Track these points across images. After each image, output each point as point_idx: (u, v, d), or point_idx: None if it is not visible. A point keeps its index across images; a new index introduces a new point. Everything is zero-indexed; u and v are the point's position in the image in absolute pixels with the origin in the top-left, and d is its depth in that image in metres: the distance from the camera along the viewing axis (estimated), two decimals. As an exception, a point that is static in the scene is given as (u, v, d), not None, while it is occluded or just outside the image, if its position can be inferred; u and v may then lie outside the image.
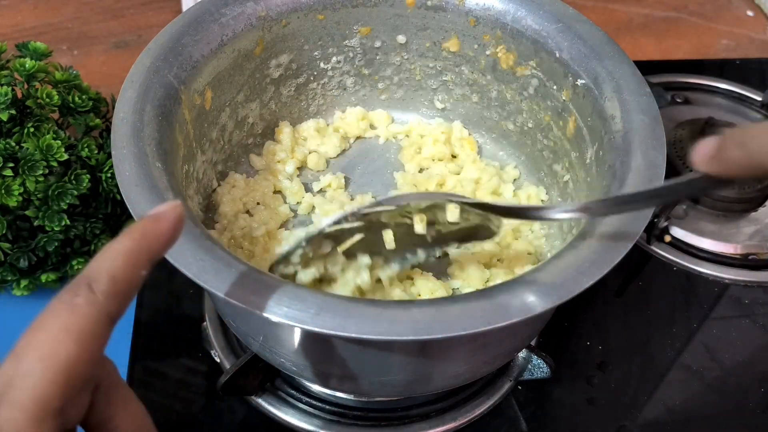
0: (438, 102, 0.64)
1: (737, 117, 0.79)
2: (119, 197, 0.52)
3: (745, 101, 0.81)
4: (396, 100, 0.65)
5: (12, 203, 0.52)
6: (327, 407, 0.53)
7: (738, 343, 0.60)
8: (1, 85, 0.53)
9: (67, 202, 0.54)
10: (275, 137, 0.62)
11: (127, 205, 0.39)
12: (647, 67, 0.74)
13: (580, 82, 0.51)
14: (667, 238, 0.67)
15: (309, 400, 0.54)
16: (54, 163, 0.53)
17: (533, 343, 0.57)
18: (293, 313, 0.35)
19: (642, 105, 0.48)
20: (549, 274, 0.38)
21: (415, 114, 0.65)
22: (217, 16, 0.52)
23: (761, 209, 0.70)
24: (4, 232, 0.53)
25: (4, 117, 0.52)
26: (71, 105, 0.57)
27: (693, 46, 0.91)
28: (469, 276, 0.52)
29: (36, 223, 0.54)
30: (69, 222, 0.54)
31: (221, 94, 0.54)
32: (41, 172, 0.52)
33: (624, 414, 0.55)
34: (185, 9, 0.57)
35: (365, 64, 0.62)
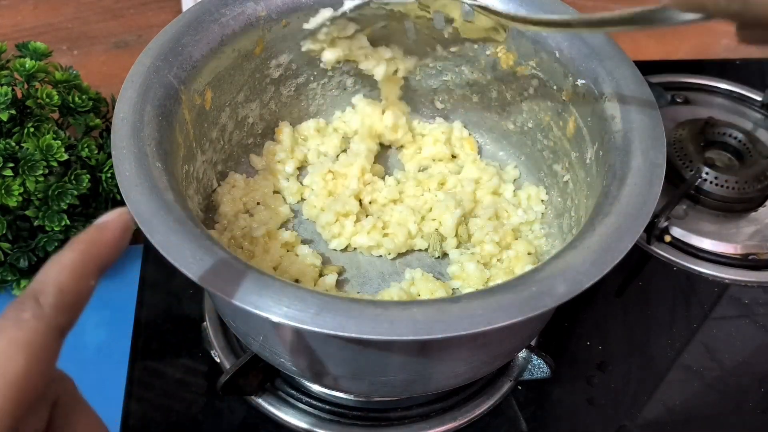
0: (438, 102, 0.64)
1: (737, 117, 0.79)
2: (119, 197, 0.52)
3: (745, 101, 0.81)
4: (396, 100, 0.65)
5: (12, 203, 0.52)
6: (327, 407, 0.53)
7: (738, 343, 0.60)
8: (1, 85, 0.53)
9: (67, 202, 0.54)
10: (275, 137, 0.62)
11: (127, 205, 0.39)
12: (647, 67, 0.74)
13: (580, 82, 0.51)
14: (667, 238, 0.67)
15: (309, 400, 0.54)
16: (54, 163, 0.53)
17: (533, 343, 0.57)
18: (293, 313, 0.35)
19: (642, 105, 0.48)
20: (549, 274, 0.38)
21: (416, 114, 0.65)
22: (217, 16, 0.52)
23: (761, 209, 0.70)
24: (4, 232, 0.53)
25: (4, 117, 0.52)
26: (71, 105, 0.57)
27: (693, 46, 0.91)
28: (469, 276, 0.52)
29: (36, 223, 0.54)
30: (69, 222, 0.54)
31: (221, 94, 0.54)
32: (41, 172, 0.53)
33: (624, 414, 0.55)
34: (185, 9, 0.57)
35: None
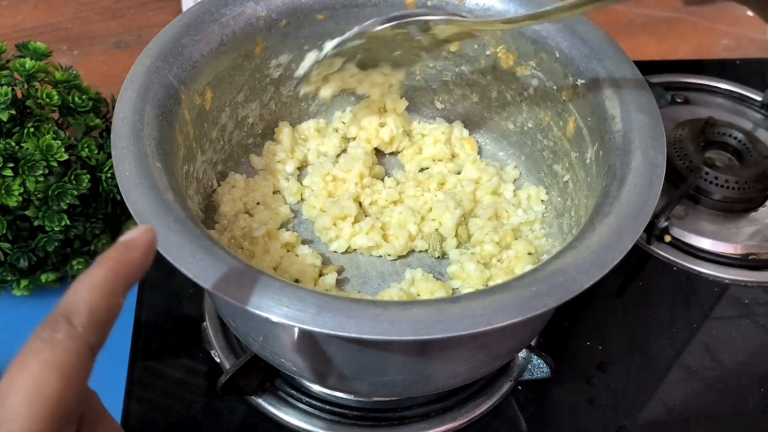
0: (438, 102, 0.64)
1: (737, 117, 0.79)
2: (119, 197, 0.52)
3: (745, 101, 0.81)
4: (396, 100, 0.65)
5: (12, 203, 0.52)
6: (327, 407, 0.53)
7: (738, 343, 0.60)
8: (1, 85, 0.53)
9: (67, 202, 0.54)
10: (275, 137, 0.62)
11: (127, 205, 0.39)
12: (647, 67, 0.74)
13: (580, 82, 0.51)
14: (667, 238, 0.67)
15: (309, 400, 0.54)
16: (54, 163, 0.53)
17: (533, 343, 0.57)
18: (293, 313, 0.35)
19: (642, 105, 0.48)
20: (549, 274, 0.38)
21: (416, 114, 0.65)
22: (217, 16, 0.52)
23: (761, 209, 0.70)
24: (4, 232, 0.53)
25: (4, 117, 0.52)
26: (71, 105, 0.57)
27: (693, 46, 0.91)
28: (469, 276, 0.52)
29: (36, 223, 0.54)
30: (69, 222, 0.54)
31: (221, 94, 0.54)
32: (41, 172, 0.52)
33: (624, 414, 0.55)
34: (185, 9, 0.57)
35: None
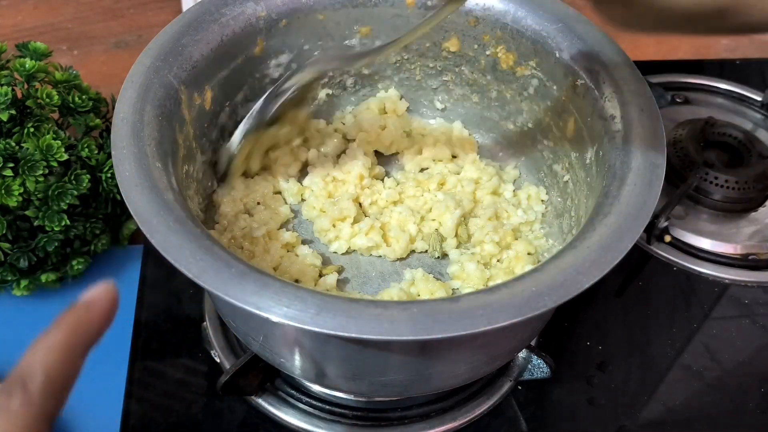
0: (438, 102, 0.64)
1: (737, 117, 0.79)
2: (119, 197, 0.52)
3: (745, 101, 0.81)
4: (396, 100, 0.65)
5: (12, 203, 0.52)
6: (327, 407, 0.53)
7: (738, 343, 0.60)
8: (1, 85, 0.53)
9: (67, 202, 0.54)
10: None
11: (127, 205, 0.39)
12: (647, 67, 0.74)
13: (580, 82, 0.51)
14: (667, 238, 0.67)
15: (309, 400, 0.54)
16: (54, 163, 0.53)
17: (533, 343, 0.57)
18: (293, 313, 0.35)
19: (642, 105, 0.48)
20: (549, 274, 0.38)
21: (415, 114, 0.65)
22: (217, 16, 0.52)
23: (761, 209, 0.70)
24: (4, 232, 0.53)
25: (4, 117, 0.52)
26: (71, 105, 0.57)
27: (693, 46, 0.91)
28: (469, 276, 0.52)
29: (36, 223, 0.54)
30: (69, 222, 0.54)
31: (221, 94, 0.54)
32: (41, 172, 0.52)
33: (624, 414, 0.55)
34: (185, 9, 0.57)
35: (365, 64, 0.62)
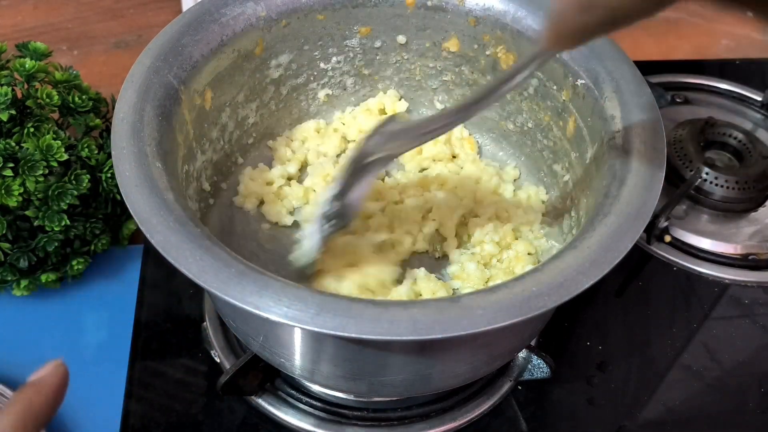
0: (438, 102, 0.64)
1: (737, 117, 0.79)
2: (119, 197, 0.52)
3: (745, 101, 0.81)
4: (396, 100, 0.65)
5: (12, 203, 0.52)
6: (327, 407, 0.53)
7: (738, 343, 0.60)
8: (1, 85, 0.53)
9: (67, 202, 0.54)
10: (275, 138, 0.62)
11: (127, 205, 0.39)
12: (647, 67, 0.74)
13: (580, 82, 0.51)
14: (667, 238, 0.67)
15: (309, 400, 0.54)
16: (54, 163, 0.53)
17: (533, 343, 0.57)
18: (293, 313, 0.35)
19: (642, 105, 0.48)
20: (549, 274, 0.38)
21: (416, 114, 0.65)
22: (217, 16, 0.52)
23: (761, 209, 0.70)
24: (4, 232, 0.53)
25: (4, 117, 0.52)
26: (71, 105, 0.57)
27: (693, 46, 0.91)
28: (469, 276, 0.52)
29: (36, 223, 0.54)
30: (69, 222, 0.54)
31: (221, 94, 0.54)
32: (41, 172, 0.52)
33: (624, 414, 0.55)
34: (185, 9, 0.57)
35: (365, 64, 0.62)
